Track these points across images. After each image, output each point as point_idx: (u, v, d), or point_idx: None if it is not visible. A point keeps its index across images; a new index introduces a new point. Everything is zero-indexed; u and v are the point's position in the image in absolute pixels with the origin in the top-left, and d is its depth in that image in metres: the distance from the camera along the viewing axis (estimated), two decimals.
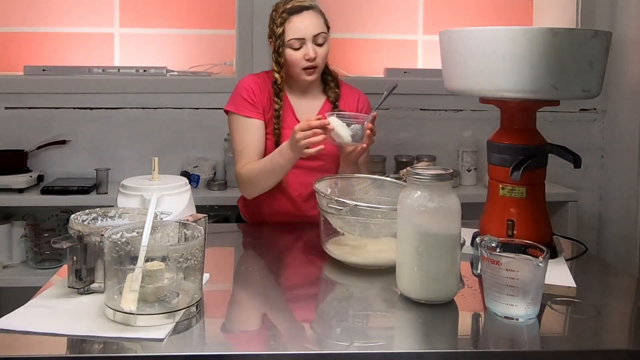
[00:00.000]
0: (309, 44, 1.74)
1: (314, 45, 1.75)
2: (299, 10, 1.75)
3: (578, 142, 2.63)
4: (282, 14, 1.75)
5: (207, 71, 2.61)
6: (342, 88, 1.90)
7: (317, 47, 1.75)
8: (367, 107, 1.89)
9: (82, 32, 2.61)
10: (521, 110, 1.42)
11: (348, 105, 1.86)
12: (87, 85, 2.50)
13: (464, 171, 2.54)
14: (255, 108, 1.80)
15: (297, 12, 1.75)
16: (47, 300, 1.14)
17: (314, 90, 1.87)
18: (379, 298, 1.23)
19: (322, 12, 1.81)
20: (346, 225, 1.36)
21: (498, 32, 1.29)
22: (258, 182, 1.75)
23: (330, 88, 1.87)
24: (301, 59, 1.75)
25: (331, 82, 1.87)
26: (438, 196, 1.13)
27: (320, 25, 1.77)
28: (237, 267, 1.47)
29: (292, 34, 1.74)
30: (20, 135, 2.46)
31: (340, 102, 1.87)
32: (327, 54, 1.80)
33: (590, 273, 1.43)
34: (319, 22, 1.77)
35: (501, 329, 1.06)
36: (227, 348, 1.00)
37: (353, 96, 1.89)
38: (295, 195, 1.82)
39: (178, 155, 2.50)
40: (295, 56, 1.75)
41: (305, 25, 1.74)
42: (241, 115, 1.80)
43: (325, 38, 1.77)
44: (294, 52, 1.75)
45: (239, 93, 1.82)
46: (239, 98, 1.81)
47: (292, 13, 1.75)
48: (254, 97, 1.80)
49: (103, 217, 1.22)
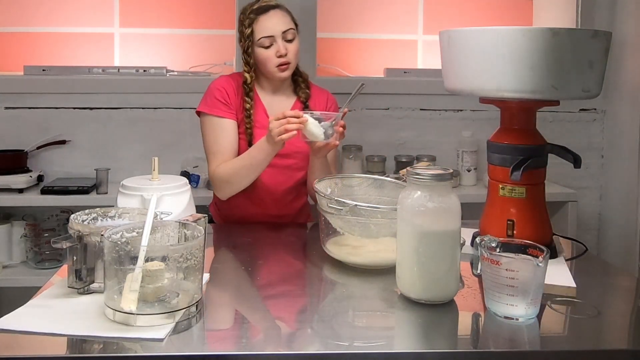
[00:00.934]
0: (279, 40, 1.77)
1: (284, 42, 1.78)
2: (266, 9, 1.79)
3: (578, 142, 2.64)
4: (249, 15, 1.79)
5: (207, 71, 2.61)
6: (312, 89, 1.93)
7: (287, 43, 1.79)
8: (335, 107, 1.92)
9: (82, 32, 2.61)
10: (521, 110, 1.42)
11: (318, 105, 1.90)
12: (87, 85, 2.50)
13: (464, 171, 2.54)
14: (228, 108, 1.81)
15: (264, 11, 1.78)
16: (47, 300, 1.13)
17: (286, 90, 1.90)
18: (379, 298, 1.23)
19: (289, 10, 1.85)
20: (346, 225, 1.36)
21: (498, 32, 1.29)
22: (235, 181, 1.75)
23: (301, 88, 1.90)
24: (273, 57, 1.77)
25: (302, 83, 1.90)
26: (438, 196, 1.13)
27: (288, 21, 1.80)
28: (237, 267, 1.47)
29: (261, 33, 1.77)
30: (20, 135, 2.46)
31: (310, 101, 1.90)
32: (298, 50, 1.83)
33: (590, 273, 1.43)
34: (286, 19, 1.81)
35: (501, 329, 1.06)
36: (227, 348, 1.00)
37: (322, 96, 1.93)
38: (267, 194, 1.83)
39: (178, 155, 2.50)
40: (267, 54, 1.78)
41: (273, 23, 1.78)
42: (214, 116, 1.81)
43: (294, 34, 1.80)
44: (264, 50, 1.78)
45: (212, 94, 1.83)
46: (212, 99, 1.82)
47: (259, 13, 1.78)
48: (227, 97, 1.81)
49: (103, 217, 1.22)
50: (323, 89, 1.96)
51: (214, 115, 1.80)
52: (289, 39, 1.79)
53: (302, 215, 1.93)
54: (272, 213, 1.85)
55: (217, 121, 1.80)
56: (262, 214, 1.85)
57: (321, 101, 1.92)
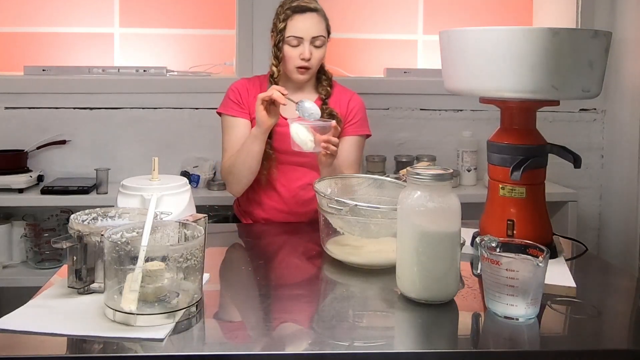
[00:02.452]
0: (306, 44, 1.78)
1: (311, 47, 1.79)
2: (303, 10, 1.79)
3: (578, 142, 2.63)
4: (286, 10, 1.80)
5: (207, 71, 2.61)
6: (335, 87, 1.93)
7: (314, 48, 1.80)
8: (359, 110, 1.91)
9: (82, 32, 2.61)
10: (521, 110, 1.42)
11: (339, 105, 1.89)
12: (87, 85, 2.50)
13: (464, 171, 2.54)
14: (240, 108, 1.86)
15: (301, 11, 1.79)
16: (47, 300, 1.13)
17: (307, 89, 1.90)
18: (379, 298, 1.23)
19: (326, 17, 1.85)
20: (346, 225, 1.36)
21: (498, 32, 1.29)
22: (236, 170, 1.80)
23: (323, 86, 1.90)
24: (296, 57, 1.79)
25: (324, 81, 1.91)
26: (438, 196, 1.13)
27: (321, 29, 1.81)
28: (237, 267, 1.47)
29: (292, 32, 1.78)
30: (20, 135, 2.46)
31: (331, 100, 1.89)
32: (322, 58, 1.85)
33: (590, 273, 1.43)
34: (320, 25, 1.81)
35: (501, 329, 1.06)
36: (227, 348, 1.00)
37: (345, 96, 1.92)
38: (284, 190, 1.85)
39: (178, 155, 2.51)
40: (291, 53, 1.80)
41: (306, 26, 1.78)
42: (228, 115, 1.86)
43: (323, 42, 1.81)
44: (291, 48, 1.80)
45: (227, 95, 1.90)
46: (226, 99, 1.89)
47: (296, 11, 1.79)
48: (239, 97, 1.86)
49: (103, 217, 1.22)
50: (348, 90, 1.95)
51: (227, 114, 1.86)
52: (317, 45, 1.80)
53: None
54: (292, 210, 1.86)
55: (229, 120, 1.86)
56: (282, 211, 1.86)
57: (343, 101, 1.91)
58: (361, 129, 1.90)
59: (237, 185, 1.84)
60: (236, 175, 1.81)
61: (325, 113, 1.83)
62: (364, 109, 1.93)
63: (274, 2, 2.49)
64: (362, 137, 1.91)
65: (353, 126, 1.89)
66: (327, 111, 1.84)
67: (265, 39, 2.52)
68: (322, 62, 1.86)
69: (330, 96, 1.90)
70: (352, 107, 1.90)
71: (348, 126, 1.89)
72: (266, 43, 2.52)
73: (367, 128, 1.93)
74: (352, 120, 1.89)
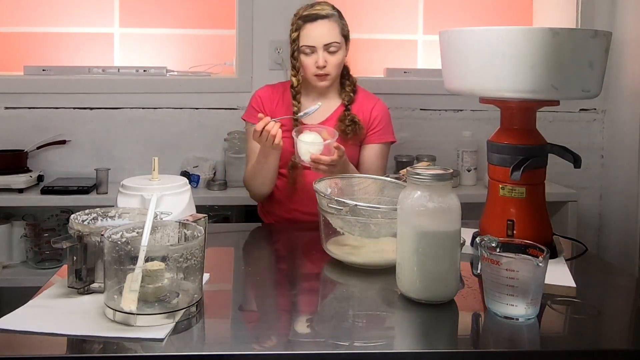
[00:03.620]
0: (319, 51, 1.78)
1: (325, 53, 1.79)
2: (314, 18, 1.79)
3: (578, 142, 2.63)
4: (298, 20, 1.81)
5: (207, 71, 2.61)
6: (359, 93, 1.92)
7: (329, 54, 1.79)
8: (383, 117, 1.90)
9: (82, 32, 2.61)
10: (521, 110, 1.42)
11: (362, 112, 1.88)
12: (87, 85, 2.50)
13: (464, 171, 2.54)
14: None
15: (312, 20, 1.79)
16: (47, 300, 1.13)
17: (330, 95, 1.90)
18: (379, 298, 1.23)
19: (342, 20, 1.84)
20: (346, 225, 1.36)
21: (498, 32, 1.29)
22: (255, 183, 1.84)
23: (345, 92, 1.89)
24: (312, 65, 1.80)
25: (347, 87, 1.90)
26: (438, 196, 1.13)
27: (334, 34, 1.80)
28: (237, 267, 1.47)
29: (304, 41, 1.79)
30: (20, 135, 2.46)
31: (355, 107, 1.89)
32: (341, 63, 1.83)
33: (590, 273, 1.43)
34: (333, 31, 1.80)
35: (501, 329, 1.06)
36: (227, 348, 1.00)
37: (369, 103, 1.91)
38: (303, 191, 1.84)
39: (178, 155, 2.51)
40: (307, 62, 1.81)
41: (317, 34, 1.78)
42: (249, 122, 1.88)
43: (337, 47, 1.80)
44: (305, 57, 1.81)
45: (250, 102, 1.92)
46: (249, 107, 1.91)
47: (307, 20, 1.79)
48: (261, 105, 1.88)
49: (103, 217, 1.22)
50: (374, 96, 1.95)
51: (249, 121, 1.89)
52: (331, 51, 1.79)
53: None
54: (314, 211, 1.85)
55: (250, 128, 1.85)
56: (303, 212, 1.86)
57: (366, 108, 1.90)
58: (384, 136, 1.90)
59: (256, 192, 1.88)
60: (255, 186, 1.85)
61: (347, 119, 1.83)
62: (388, 115, 1.93)
63: (274, 2, 2.51)
64: (385, 144, 1.91)
65: (376, 134, 1.89)
66: (349, 117, 1.83)
67: (265, 39, 2.53)
68: (341, 66, 1.85)
69: (354, 102, 1.89)
70: (376, 114, 1.89)
71: (371, 134, 1.89)
72: (266, 43, 2.53)
73: (392, 135, 1.92)
74: (375, 128, 1.89)
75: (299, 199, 1.86)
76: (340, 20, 1.84)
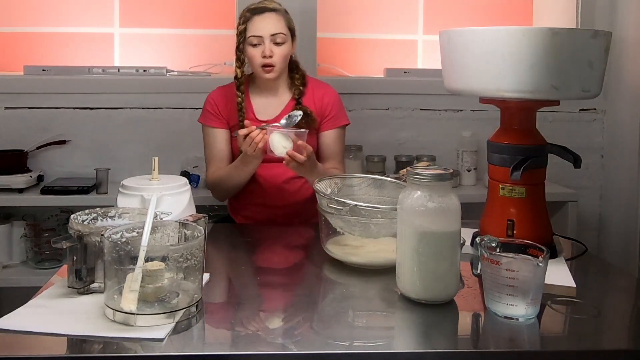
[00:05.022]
0: (266, 42, 1.82)
1: (272, 45, 1.82)
2: (262, 10, 1.85)
3: (578, 142, 2.63)
4: (245, 13, 1.85)
5: (207, 71, 2.61)
6: (309, 84, 1.95)
7: (275, 46, 1.83)
8: (334, 103, 1.93)
9: (82, 32, 2.61)
10: (521, 110, 1.42)
11: (313, 102, 1.92)
12: (87, 85, 2.49)
13: (464, 171, 2.54)
14: (218, 118, 1.91)
15: (260, 12, 1.84)
16: (47, 300, 1.13)
17: (280, 90, 1.94)
18: (379, 298, 1.23)
19: (288, 16, 1.89)
20: (346, 225, 1.36)
21: (498, 32, 1.29)
22: (224, 187, 1.89)
23: (295, 85, 1.92)
24: (258, 56, 1.83)
25: (297, 80, 1.93)
26: (438, 196, 1.13)
27: (281, 26, 1.85)
28: (236, 267, 1.47)
29: (251, 32, 1.83)
30: (20, 135, 2.46)
31: (306, 98, 1.92)
32: (287, 55, 1.87)
33: (590, 273, 1.43)
34: (280, 23, 1.85)
35: (501, 329, 1.06)
36: (227, 348, 1.00)
37: (318, 92, 1.94)
38: (269, 187, 1.89)
39: (178, 155, 2.50)
40: (253, 53, 1.84)
41: (264, 25, 1.83)
42: (207, 126, 1.93)
43: (284, 39, 1.84)
44: (252, 48, 1.84)
45: (205, 106, 1.96)
46: (204, 110, 1.95)
47: (255, 13, 1.85)
48: (217, 108, 1.92)
49: (103, 217, 1.23)
50: (323, 84, 1.98)
51: (206, 125, 1.94)
52: (278, 42, 1.83)
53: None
54: (279, 204, 1.89)
55: (208, 130, 1.94)
56: (270, 206, 1.89)
57: (317, 97, 1.93)
58: (338, 120, 1.94)
59: (222, 195, 1.94)
60: (224, 190, 1.90)
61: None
62: (339, 100, 1.96)
63: None
64: (341, 128, 1.95)
65: (330, 121, 1.93)
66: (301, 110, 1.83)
67: None
68: (287, 59, 1.88)
69: (304, 95, 1.92)
70: (327, 101, 1.93)
71: (325, 122, 1.93)
72: None
73: (345, 118, 1.97)
74: (328, 115, 1.93)
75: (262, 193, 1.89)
76: (286, 15, 1.89)
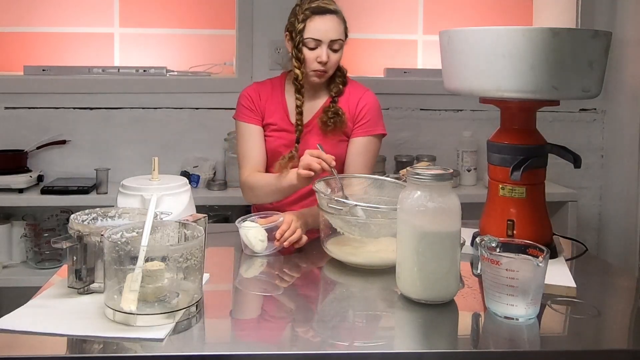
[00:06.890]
0: (324, 47, 1.73)
1: (329, 50, 1.74)
2: (324, 11, 1.74)
3: (578, 142, 2.64)
4: (305, 11, 1.74)
5: (207, 71, 2.61)
6: (349, 85, 1.87)
7: (332, 52, 1.75)
8: (370, 109, 1.82)
9: (82, 32, 2.61)
10: (521, 110, 1.42)
11: (348, 104, 1.83)
12: (87, 85, 2.50)
13: (464, 171, 2.54)
14: (253, 114, 1.83)
15: (321, 13, 1.74)
16: (47, 300, 1.13)
17: (318, 91, 1.85)
18: (379, 298, 1.23)
19: (345, 19, 1.80)
20: (346, 225, 1.36)
21: (498, 32, 1.29)
22: (260, 195, 1.77)
23: (335, 83, 1.84)
24: (313, 60, 1.74)
25: (337, 78, 1.85)
26: (438, 196, 1.13)
27: (340, 32, 1.76)
28: (236, 267, 1.47)
29: (311, 33, 1.73)
30: (20, 135, 2.46)
31: (342, 99, 1.83)
32: (339, 62, 1.80)
33: (590, 273, 1.43)
34: (339, 28, 1.76)
35: (501, 329, 1.06)
36: (227, 348, 1.00)
37: (356, 95, 1.84)
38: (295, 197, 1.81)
39: (178, 155, 2.51)
40: (309, 55, 1.75)
41: (326, 28, 1.73)
42: (241, 122, 1.84)
43: (341, 45, 1.77)
44: (308, 51, 1.74)
45: (239, 101, 1.87)
46: (239, 105, 1.86)
47: (316, 12, 1.74)
48: (251, 104, 1.83)
49: (103, 217, 1.22)
50: (362, 87, 1.87)
51: (241, 121, 1.84)
52: (335, 49, 1.75)
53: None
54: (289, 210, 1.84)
55: (242, 126, 1.84)
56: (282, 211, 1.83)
57: (352, 100, 1.83)
58: (371, 128, 1.82)
59: (254, 200, 1.84)
60: (258, 196, 1.79)
61: (331, 111, 1.77)
62: (377, 107, 1.85)
63: (274, 2, 2.50)
64: (372, 137, 1.82)
65: (362, 127, 1.81)
66: (332, 109, 1.78)
67: (265, 39, 2.53)
68: (337, 66, 1.81)
69: (342, 94, 1.84)
70: (362, 106, 1.82)
71: (357, 127, 1.82)
72: (266, 43, 2.53)
73: (380, 127, 1.84)
74: (361, 121, 1.81)
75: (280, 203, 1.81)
76: (344, 19, 1.80)
